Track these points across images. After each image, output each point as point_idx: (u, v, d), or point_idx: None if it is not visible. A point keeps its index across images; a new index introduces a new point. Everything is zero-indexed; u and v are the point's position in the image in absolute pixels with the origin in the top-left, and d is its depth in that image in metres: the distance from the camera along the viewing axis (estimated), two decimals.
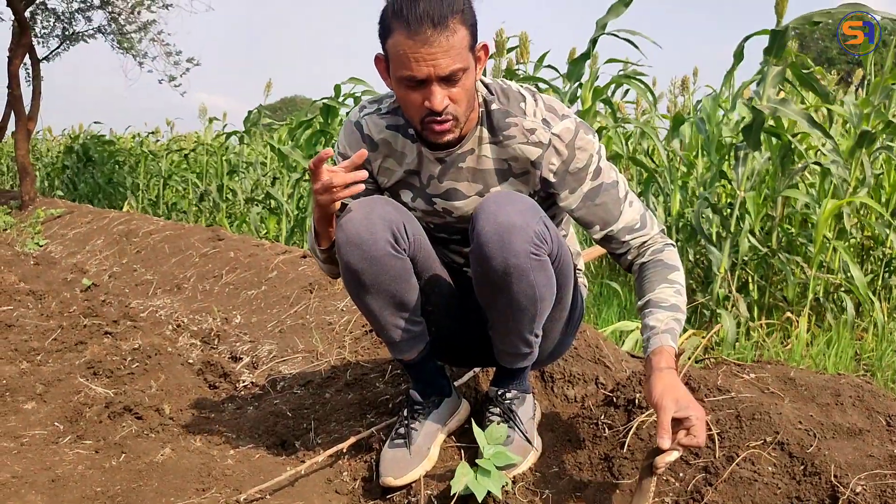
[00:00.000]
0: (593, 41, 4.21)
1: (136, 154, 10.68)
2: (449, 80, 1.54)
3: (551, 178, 1.70)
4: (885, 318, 3.94)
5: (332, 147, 1.89)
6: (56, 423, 2.34)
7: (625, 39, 4.18)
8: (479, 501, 1.59)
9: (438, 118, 1.59)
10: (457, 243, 1.87)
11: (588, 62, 4.43)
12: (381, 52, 1.62)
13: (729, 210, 4.26)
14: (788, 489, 1.48)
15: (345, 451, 1.96)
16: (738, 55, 4.07)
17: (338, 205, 1.66)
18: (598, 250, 3.25)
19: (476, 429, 1.69)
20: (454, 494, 1.59)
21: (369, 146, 1.80)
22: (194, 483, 1.85)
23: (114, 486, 1.83)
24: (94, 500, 1.77)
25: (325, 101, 6.16)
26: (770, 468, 1.53)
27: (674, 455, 1.40)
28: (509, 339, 1.74)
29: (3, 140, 12.53)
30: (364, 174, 1.60)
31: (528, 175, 1.72)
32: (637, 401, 1.81)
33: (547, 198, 1.77)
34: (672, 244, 1.75)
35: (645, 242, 1.73)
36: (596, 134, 1.74)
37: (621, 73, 4.77)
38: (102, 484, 1.85)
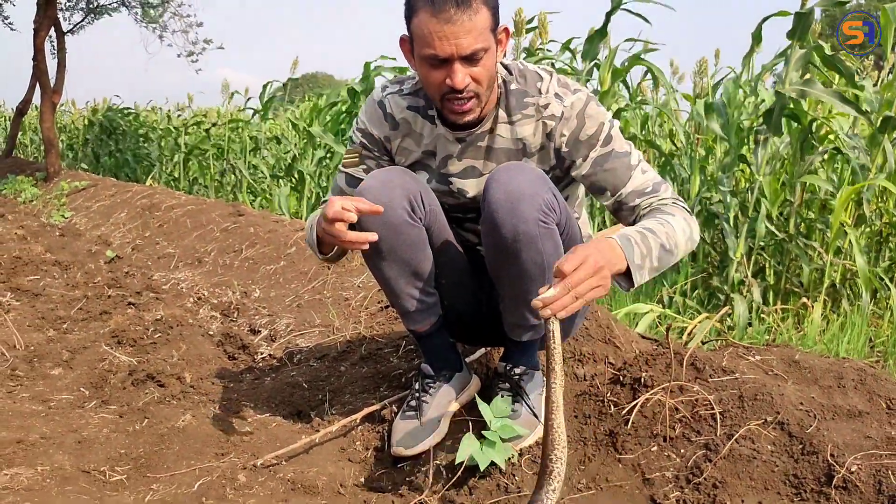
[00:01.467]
0: (608, 16, 4.20)
1: (160, 129, 10.78)
2: (471, 59, 1.60)
3: (564, 148, 1.76)
4: None
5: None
6: (82, 389, 2.43)
7: (637, 14, 4.16)
8: (482, 471, 1.65)
9: (459, 96, 1.64)
10: (472, 221, 1.91)
11: (603, 42, 4.40)
12: (406, 34, 1.68)
13: (747, 194, 4.27)
14: (786, 467, 1.53)
15: (358, 421, 2.03)
16: (757, 37, 4.04)
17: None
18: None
19: (480, 402, 1.74)
20: (459, 464, 1.65)
21: (390, 125, 1.87)
22: (213, 448, 1.93)
23: (137, 449, 1.91)
24: (118, 460, 1.85)
25: (351, 85, 6.19)
26: (769, 446, 1.57)
27: (549, 291, 1.37)
28: (518, 310, 1.79)
29: (28, 112, 12.71)
30: (374, 237, 1.63)
31: (544, 151, 1.77)
32: (643, 379, 1.85)
33: (563, 176, 1.81)
34: (685, 207, 1.72)
35: (653, 204, 1.72)
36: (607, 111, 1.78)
37: (633, 52, 4.73)
38: (126, 446, 1.93)
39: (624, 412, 1.78)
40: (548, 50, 5.05)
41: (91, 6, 11.01)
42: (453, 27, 1.55)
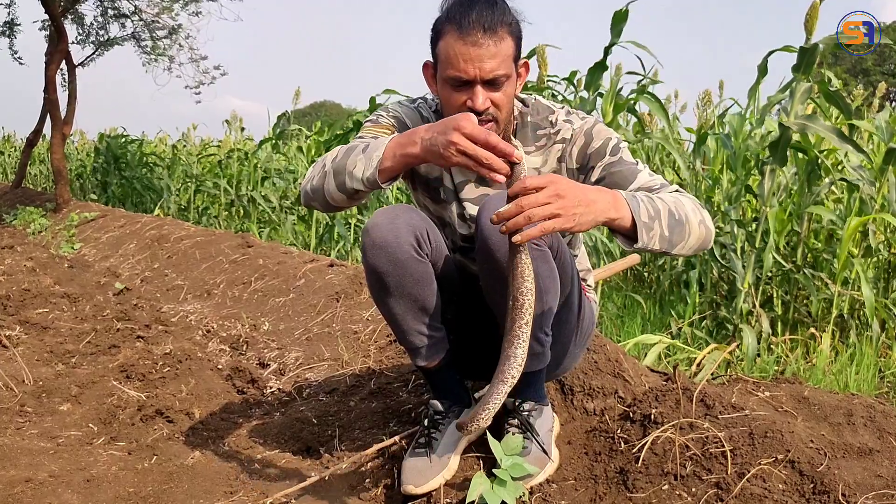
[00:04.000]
0: (606, 50, 4.27)
1: (168, 158, 10.89)
2: (492, 83, 1.66)
3: (575, 165, 1.81)
4: None
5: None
6: (90, 425, 2.43)
7: (635, 54, 4.24)
8: None
9: (479, 118, 1.67)
10: None
11: (607, 73, 4.46)
12: (430, 60, 1.75)
13: (754, 225, 4.27)
14: None
15: (368, 458, 2.02)
16: (763, 70, 4.10)
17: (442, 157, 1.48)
18: (621, 264, 3.28)
19: (491, 440, 1.74)
20: (470, 502, 1.65)
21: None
22: (223, 486, 1.93)
23: (146, 488, 1.91)
24: (126, 500, 1.85)
25: (356, 118, 6.32)
26: (780, 485, 1.56)
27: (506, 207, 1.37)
28: None
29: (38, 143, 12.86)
30: (520, 155, 1.45)
31: (556, 174, 1.79)
32: (652, 416, 1.84)
33: None
34: (687, 194, 1.70)
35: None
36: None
37: (639, 83, 4.77)
38: (135, 485, 1.93)
39: (635, 450, 1.77)
40: (553, 82, 5.10)
41: (102, 39, 11.18)
42: (479, 50, 1.62)
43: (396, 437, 2.08)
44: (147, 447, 2.20)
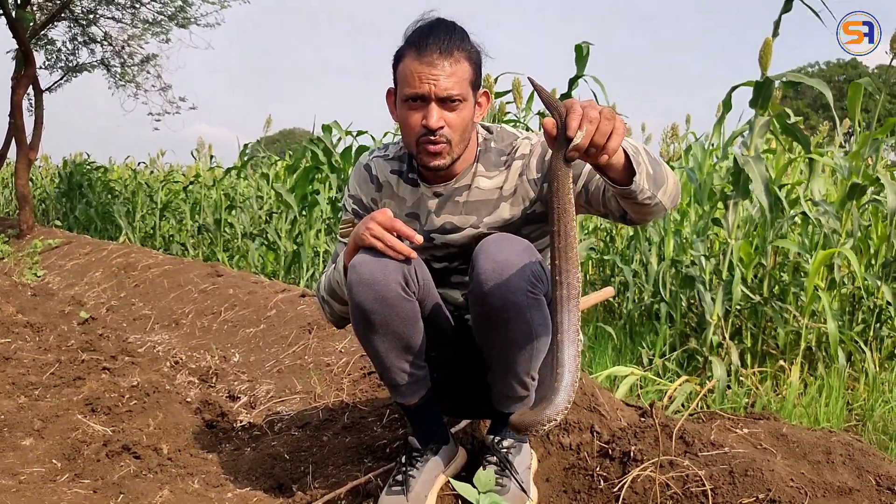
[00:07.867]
0: (570, 83, 4.32)
1: (132, 185, 10.74)
2: (446, 102, 1.69)
3: (536, 175, 1.80)
4: (877, 369, 3.98)
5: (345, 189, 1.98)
6: (54, 461, 2.35)
7: (592, 90, 4.31)
8: None
9: (433, 137, 1.71)
10: (458, 272, 1.92)
11: None
12: (392, 86, 1.79)
13: (722, 257, 4.32)
14: None
15: (342, 496, 1.98)
16: (727, 104, 4.18)
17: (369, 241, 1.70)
18: (595, 298, 3.29)
19: (455, 483, 1.69)
20: None
21: (375, 186, 1.94)
22: None
23: None
24: None
25: (310, 147, 6.38)
26: None
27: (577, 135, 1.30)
28: (506, 381, 1.79)
29: (1, 168, 12.61)
30: (414, 254, 1.72)
31: (518, 191, 1.82)
32: (632, 453, 1.84)
33: (544, 211, 1.82)
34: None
35: None
36: None
37: None
38: None
39: (615, 488, 1.76)
40: (512, 115, 5.14)
41: (70, 65, 11.04)
42: (434, 69, 1.67)
43: (371, 475, 2.04)
44: (113, 485, 2.13)
